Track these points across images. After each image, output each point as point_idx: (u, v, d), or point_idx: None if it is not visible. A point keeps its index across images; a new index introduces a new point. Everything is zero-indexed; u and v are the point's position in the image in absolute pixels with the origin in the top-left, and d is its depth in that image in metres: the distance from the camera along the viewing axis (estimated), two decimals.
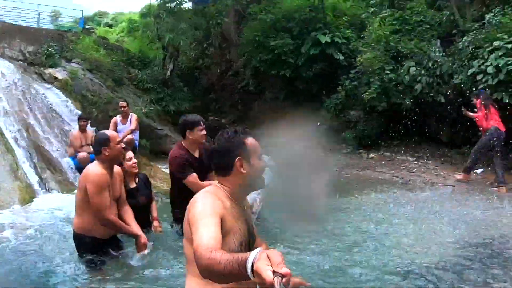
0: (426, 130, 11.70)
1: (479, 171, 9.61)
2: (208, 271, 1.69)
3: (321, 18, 13.51)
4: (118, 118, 9.86)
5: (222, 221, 2.02)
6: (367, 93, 11.36)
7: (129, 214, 4.67)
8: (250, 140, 2.25)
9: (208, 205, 2.07)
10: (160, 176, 9.54)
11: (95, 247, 4.44)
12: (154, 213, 5.46)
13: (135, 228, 4.58)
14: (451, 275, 4.91)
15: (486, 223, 6.77)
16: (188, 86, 16.23)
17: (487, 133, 8.78)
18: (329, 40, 12.80)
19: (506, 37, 9.55)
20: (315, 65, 12.80)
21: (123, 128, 9.55)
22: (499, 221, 6.90)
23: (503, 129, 8.76)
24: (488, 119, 8.80)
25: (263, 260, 1.49)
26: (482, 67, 9.71)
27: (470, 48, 10.42)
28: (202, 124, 5.02)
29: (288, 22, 14.01)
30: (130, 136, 9.24)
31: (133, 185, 5.26)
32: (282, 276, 1.43)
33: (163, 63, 15.71)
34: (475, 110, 9.21)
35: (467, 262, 5.28)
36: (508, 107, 9.44)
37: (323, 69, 12.90)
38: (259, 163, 2.25)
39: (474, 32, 10.67)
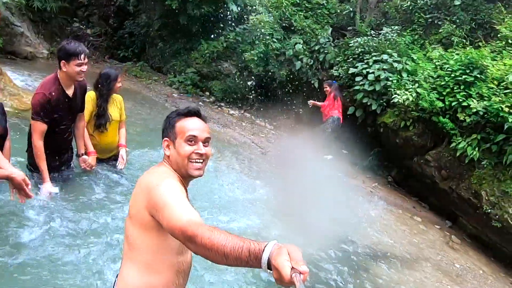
0: (291, 104, 11.45)
1: (329, 157, 9.58)
2: (206, 250, 1.58)
3: None
4: None
5: None
6: (248, 53, 10.54)
7: None
8: (182, 123, 2.13)
9: (175, 186, 1.97)
10: (13, 92, 6.87)
11: None
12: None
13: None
14: None
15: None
16: None
17: (330, 120, 9.38)
18: None
19: (395, 55, 9.64)
20: (205, 6, 11.48)
21: None
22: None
23: (342, 121, 9.54)
24: (333, 108, 9.35)
25: (284, 256, 1.40)
26: (363, 71, 9.76)
27: (359, 50, 10.25)
28: (82, 57, 3.86)
29: None
30: None
31: None
32: (300, 273, 1.36)
33: None
34: None
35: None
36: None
37: (212, 13, 11.64)
38: (183, 147, 2.09)
39: (368, 37, 10.51)
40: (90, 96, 4.66)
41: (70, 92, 4.01)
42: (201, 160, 2.11)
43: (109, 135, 4.91)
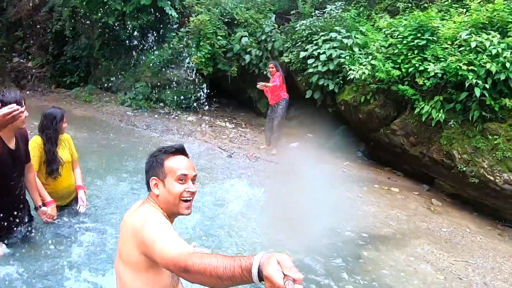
0: (246, 99, 11.04)
1: (295, 144, 9.34)
2: (201, 276, 1.57)
3: None
4: None
5: None
6: (195, 57, 10.04)
7: None
8: (171, 162, 2.10)
9: (161, 220, 1.96)
10: None
11: None
12: None
13: None
14: None
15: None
16: None
17: (283, 102, 8.99)
18: None
19: (344, 32, 9.33)
20: (143, 16, 10.88)
21: None
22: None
23: None
24: (283, 90, 8.98)
25: (274, 265, 1.37)
26: (314, 52, 9.42)
27: (306, 32, 9.91)
28: (23, 103, 3.46)
29: None
30: None
31: None
32: (294, 280, 1.34)
33: None
34: None
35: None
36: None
37: (151, 21, 11.04)
38: (174, 186, 2.07)
39: (313, 18, 10.20)
40: (36, 141, 4.18)
41: (12, 144, 3.52)
42: (191, 198, 2.12)
43: (64, 179, 4.44)
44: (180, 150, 2.18)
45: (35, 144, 4.13)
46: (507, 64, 6.23)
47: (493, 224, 7.17)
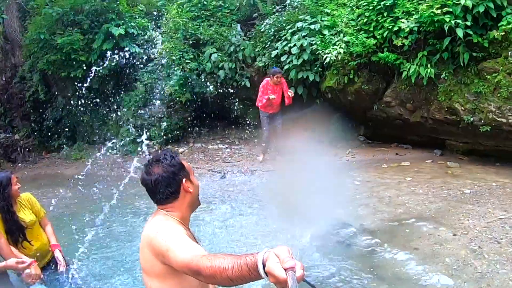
0: (234, 115, 10.25)
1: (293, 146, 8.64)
2: (213, 278, 1.56)
3: (113, 8, 10.92)
4: None
5: None
6: (168, 86, 9.36)
7: None
8: (184, 161, 2.12)
9: (173, 228, 1.94)
10: None
11: None
12: None
13: None
14: None
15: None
16: None
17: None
18: (123, 32, 10.37)
19: (309, 18, 8.70)
20: (109, 61, 10.29)
21: None
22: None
23: None
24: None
25: (272, 259, 1.35)
26: (285, 48, 8.77)
27: (272, 30, 9.25)
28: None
29: (77, 15, 11.08)
30: None
31: None
32: (294, 270, 1.29)
33: None
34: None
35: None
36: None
37: (118, 64, 10.44)
38: (196, 180, 2.15)
39: (276, 14, 9.55)
40: None
41: None
42: None
43: (34, 241, 3.87)
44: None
45: None
46: None
47: None
